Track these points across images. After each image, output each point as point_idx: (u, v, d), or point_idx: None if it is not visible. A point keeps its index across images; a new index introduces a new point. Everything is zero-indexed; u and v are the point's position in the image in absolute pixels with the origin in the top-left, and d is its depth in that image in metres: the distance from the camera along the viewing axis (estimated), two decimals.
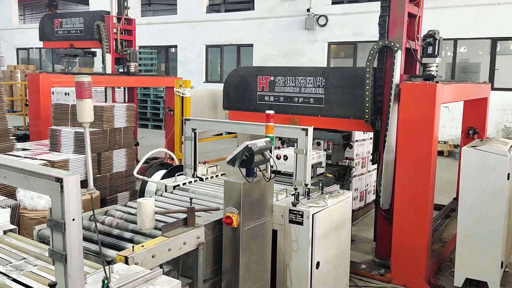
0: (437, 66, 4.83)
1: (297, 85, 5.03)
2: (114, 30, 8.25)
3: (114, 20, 8.28)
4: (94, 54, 9.23)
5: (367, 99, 4.61)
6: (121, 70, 8.63)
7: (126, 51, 8.33)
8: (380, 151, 4.76)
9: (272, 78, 5.23)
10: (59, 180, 1.87)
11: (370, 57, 4.62)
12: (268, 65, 15.72)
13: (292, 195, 3.74)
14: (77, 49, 8.90)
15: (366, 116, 4.64)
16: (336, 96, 4.87)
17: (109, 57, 8.05)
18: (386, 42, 4.62)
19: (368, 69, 4.60)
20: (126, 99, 9.47)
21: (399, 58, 4.58)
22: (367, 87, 4.61)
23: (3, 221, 3.04)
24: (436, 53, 4.77)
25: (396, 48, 4.56)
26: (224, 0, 17.19)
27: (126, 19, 8.58)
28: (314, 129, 5.12)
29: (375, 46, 4.64)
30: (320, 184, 4.05)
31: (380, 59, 4.72)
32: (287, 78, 5.13)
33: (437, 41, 4.74)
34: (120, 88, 13.06)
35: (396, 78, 4.60)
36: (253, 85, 5.32)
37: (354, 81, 4.79)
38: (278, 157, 4.42)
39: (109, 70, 8.06)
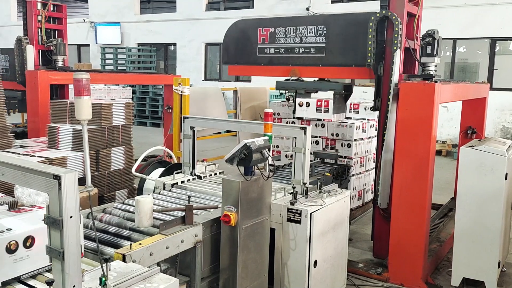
0: (436, 66, 4.82)
1: (298, 35, 4.94)
2: (39, 17, 7.08)
3: (39, 5, 7.09)
4: None
5: (370, 42, 4.50)
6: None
7: (51, 42, 7.13)
8: (382, 99, 4.63)
9: (272, 29, 5.13)
10: (57, 177, 1.87)
11: (370, 29, 4.52)
12: None
13: (290, 193, 3.74)
14: None
15: (369, 61, 4.55)
16: (338, 44, 4.78)
17: (31, 49, 6.91)
18: (386, 12, 4.50)
19: (372, 18, 4.51)
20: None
21: (398, 58, 4.58)
22: (370, 30, 4.52)
23: None
24: (435, 53, 4.76)
25: (397, 22, 4.48)
26: None
27: (54, 4, 7.39)
28: (315, 80, 5.12)
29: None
30: (318, 183, 4.06)
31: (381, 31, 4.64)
32: (288, 29, 5.04)
33: (436, 40, 4.74)
34: (118, 85, 13.08)
35: (395, 77, 4.59)
36: (253, 38, 5.23)
37: (356, 27, 4.69)
38: (300, 105, 4.36)
39: (30, 64, 6.88)
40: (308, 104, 5.08)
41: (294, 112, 5.31)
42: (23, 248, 2.22)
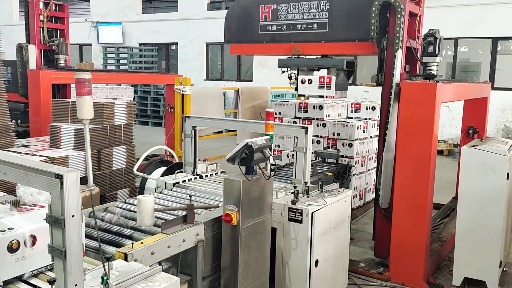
0: (437, 65, 4.81)
1: (301, 11, 4.92)
2: (40, 17, 7.06)
3: (40, 5, 7.06)
4: None
5: (373, 15, 4.46)
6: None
7: (53, 41, 7.10)
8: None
9: (274, 6, 5.10)
10: (59, 176, 1.87)
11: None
12: (269, 62, 15.72)
13: (292, 193, 3.74)
14: None
15: (372, 34, 4.50)
16: (341, 19, 4.75)
17: (33, 49, 6.89)
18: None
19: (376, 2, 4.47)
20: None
21: (399, 57, 4.58)
22: (375, 3, 4.48)
23: None
24: (436, 52, 4.75)
25: (400, 9, 4.43)
26: None
27: (56, 4, 7.38)
28: (317, 56, 5.07)
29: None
30: (320, 183, 4.06)
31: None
32: (290, 5, 5.01)
33: (437, 40, 4.72)
34: (120, 85, 13.09)
35: (397, 77, 4.58)
36: (255, 15, 5.20)
37: (359, 1, 4.68)
38: (302, 82, 4.35)
39: (33, 64, 6.89)
40: (310, 81, 5.02)
41: (296, 89, 5.27)
42: (25, 247, 2.23)
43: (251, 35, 5.27)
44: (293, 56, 5.26)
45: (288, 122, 6.65)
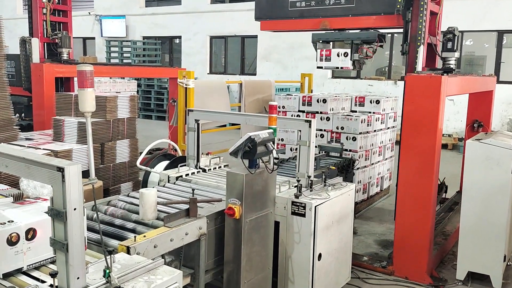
0: (455, 60, 5.10)
1: None
2: (44, 10, 7.01)
3: None
4: None
5: None
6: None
7: (56, 35, 7.07)
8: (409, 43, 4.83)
9: None
10: (61, 169, 1.87)
11: (398, 6, 4.70)
12: (273, 56, 15.68)
13: (295, 187, 3.73)
14: None
15: (398, 6, 4.71)
16: None
17: (36, 42, 6.86)
18: None
19: None
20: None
21: (421, 52, 4.70)
22: None
23: None
24: (455, 48, 5.08)
25: (422, 3, 4.63)
26: None
27: None
28: (344, 30, 5.35)
29: None
30: (323, 176, 4.04)
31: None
32: None
33: (456, 37, 5.06)
34: (123, 78, 13.09)
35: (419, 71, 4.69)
36: None
37: None
38: (338, 55, 4.77)
39: (36, 57, 6.85)
40: (346, 54, 5.30)
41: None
42: (25, 240, 2.23)
43: (280, 11, 5.53)
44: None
45: (292, 116, 6.63)
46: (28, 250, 2.25)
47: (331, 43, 5.39)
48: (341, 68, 5.28)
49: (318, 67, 5.60)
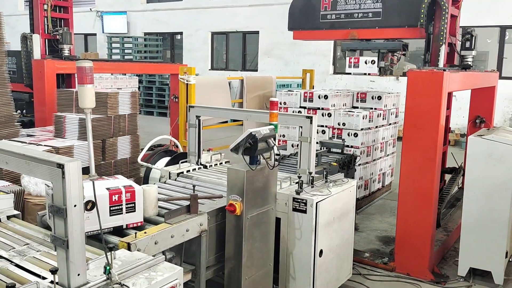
0: (472, 58, 5.52)
1: (357, 2, 5.54)
2: (44, 6, 7.00)
3: None
4: None
5: (423, 5, 4.91)
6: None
7: (57, 31, 7.07)
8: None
9: None
10: (61, 166, 1.86)
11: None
12: (274, 52, 15.64)
13: (296, 183, 3.72)
14: None
15: (421, 21, 4.97)
16: (393, 8, 5.34)
17: (37, 38, 6.87)
18: None
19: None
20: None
21: (443, 51, 4.90)
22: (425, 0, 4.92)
23: (7, 206, 3.05)
24: (472, 47, 5.51)
25: (444, 7, 4.86)
26: None
27: None
28: (371, 40, 5.81)
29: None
30: (324, 173, 4.03)
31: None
32: None
33: (473, 37, 5.51)
34: (125, 75, 13.08)
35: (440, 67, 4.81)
36: (316, 6, 5.81)
37: None
38: (366, 62, 5.40)
39: (37, 54, 6.87)
40: (373, 62, 5.75)
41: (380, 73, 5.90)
42: (85, 210, 2.42)
43: (312, 23, 5.87)
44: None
45: (293, 112, 6.61)
46: (87, 219, 2.51)
47: (358, 51, 5.89)
48: (369, 74, 5.74)
49: (347, 73, 6.01)
